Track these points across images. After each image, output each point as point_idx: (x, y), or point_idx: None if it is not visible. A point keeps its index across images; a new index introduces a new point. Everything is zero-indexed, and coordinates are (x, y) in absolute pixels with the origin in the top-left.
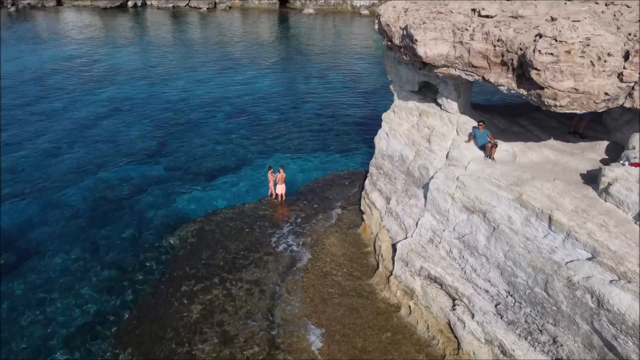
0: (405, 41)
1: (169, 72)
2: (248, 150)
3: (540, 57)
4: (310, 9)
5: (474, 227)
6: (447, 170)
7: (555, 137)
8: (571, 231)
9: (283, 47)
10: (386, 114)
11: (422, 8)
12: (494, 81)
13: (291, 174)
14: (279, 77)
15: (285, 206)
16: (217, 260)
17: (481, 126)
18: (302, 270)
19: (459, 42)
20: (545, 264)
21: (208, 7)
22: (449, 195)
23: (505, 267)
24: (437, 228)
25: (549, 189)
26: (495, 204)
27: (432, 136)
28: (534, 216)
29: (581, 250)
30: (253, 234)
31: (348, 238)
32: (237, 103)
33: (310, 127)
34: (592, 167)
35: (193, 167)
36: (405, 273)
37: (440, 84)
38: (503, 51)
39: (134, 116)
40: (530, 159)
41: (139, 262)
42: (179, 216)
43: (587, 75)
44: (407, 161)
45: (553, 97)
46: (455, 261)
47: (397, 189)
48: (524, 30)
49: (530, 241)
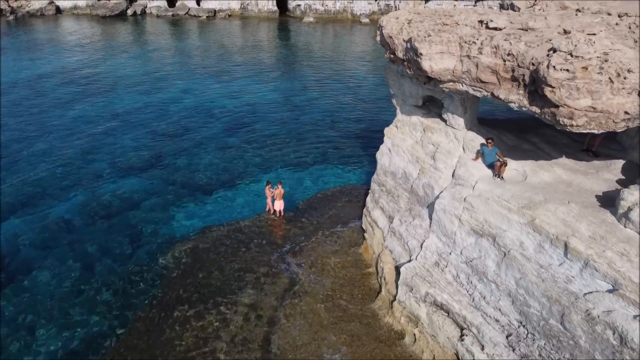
0: (409, 54)
1: (167, 82)
2: (246, 163)
3: (555, 74)
4: (310, 17)
5: (482, 252)
6: (454, 190)
7: (567, 155)
8: (589, 260)
9: (283, 56)
10: (388, 128)
11: (426, 20)
12: (504, 98)
13: (290, 188)
14: (278, 86)
15: (284, 223)
16: (212, 282)
17: (490, 143)
18: (301, 292)
19: (467, 56)
20: (561, 294)
21: (208, 15)
22: (455, 217)
23: (517, 296)
24: (443, 251)
25: (564, 212)
26: (506, 228)
27: (437, 153)
28: (548, 242)
29: (601, 281)
30: (250, 253)
31: (349, 258)
32: (236, 113)
33: (310, 138)
34: (608, 188)
35: (189, 180)
36: (410, 299)
37: (446, 98)
38: (514, 66)
39: (130, 127)
40: (541, 179)
41: (130, 283)
42: (173, 233)
43: (605, 92)
44: (410, 179)
45: (569, 116)
46: (463, 287)
47: (401, 207)
48: (536, 44)
49: (544, 269)
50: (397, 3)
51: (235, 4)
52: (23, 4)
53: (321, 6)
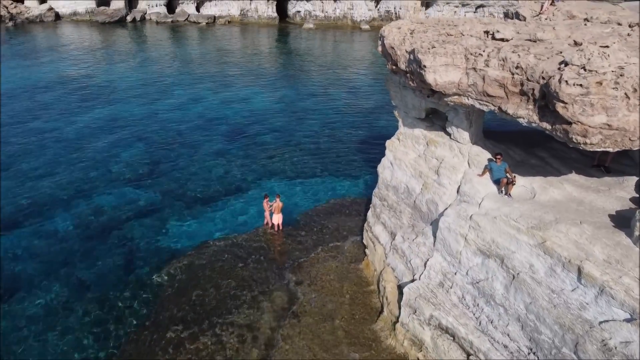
0: (412, 66)
1: (166, 90)
2: (244, 174)
3: (568, 89)
4: (310, 24)
5: (490, 273)
6: (459, 208)
7: (577, 171)
8: (605, 286)
9: (282, 63)
10: (390, 141)
11: (429, 30)
12: (512, 113)
13: (289, 200)
14: (277, 94)
15: (282, 237)
16: (207, 301)
17: (499, 159)
18: (299, 312)
19: (472, 68)
20: (575, 322)
21: (207, 21)
22: (461, 236)
23: (526, 321)
24: (448, 271)
25: (576, 234)
26: (515, 249)
27: (441, 168)
28: (560, 266)
29: (618, 310)
30: (247, 269)
31: (349, 274)
32: (235, 122)
33: (310, 148)
34: (622, 207)
35: (186, 192)
36: (414, 321)
37: (450, 111)
38: (522, 80)
39: (127, 136)
40: (551, 197)
41: (124, 301)
42: (169, 248)
43: (621, 109)
44: (413, 194)
45: (583, 133)
46: (469, 309)
47: (403, 223)
48: (546, 57)
49: (556, 294)
50: (398, 9)
51: (235, 10)
52: (22, 10)
53: (321, 12)
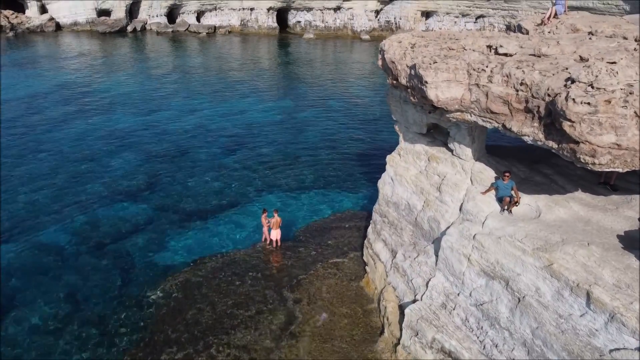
0: (413, 82)
1: (165, 100)
2: (242, 187)
3: (575, 107)
4: (310, 34)
5: (494, 296)
6: (462, 227)
7: (583, 189)
8: (615, 313)
9: (282, 74)
10: (391, 156)
11: (430, 44)
12: (517, 130)
13: (288, 214)
14: (277, 105)
15: (281, 254)
16: (203, 320)
17: (507, 177)
18: (298, 332)
19: (475, 84)
20: (584, 349)
21: (208, 31)
22: (464, 256)
23: (533, 347)
24: (451, 292)
25: (584, 256)
26: (520, 271)
27: (442, 185)
28: (568, 290)
29: (629, 338)
30: (244, 287)
31: (349, 292)
32: (233, 134)
33: (309, 161)
34: (631, 227)
35: (183, 206)
36: (415, 344)
37: (452, 127)
38: (527, 97)
39: (126, 148)
40: (557, 216)
41: (118, 321)
42: (165, 265)
43: (630, 128)
44: (414, 211)
45: (591, 153)
46: (473, 332)
47: (404, 241)
48: (552, 73)
49: (564, 319)
50: (398, 20)
51: (235, 20)
52: (23, 20)
53: (321, 22)
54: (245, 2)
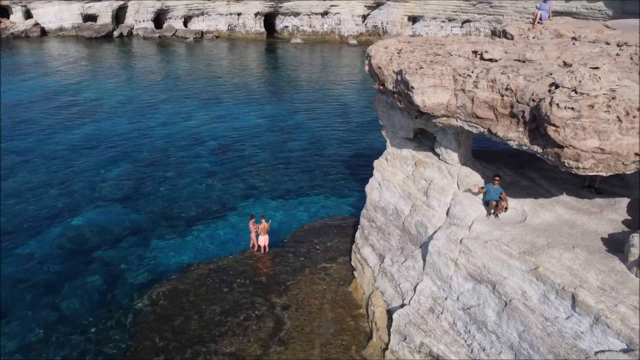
0: (399, 87)
1: (152, 106)
2: (231, 193)
3: (559, 112)
4: (297, 39)
5: (481, 299)
6: (449, 231)
7: (567, 192)
8: (601, 315)
9: (270, 79)
10: (378, 161)
11: (417, 49)
12: (502, 135)
13: (276, 220)
14: (265, 110)
15: (269, 259)
16: (191, 328)
17: (496, 181)
18: (286, 338)
19: (461, 89)
20: (570, 351)
21: (195, 36)
22: (451, 261)
23: (520, 350)
24: (439, 296)
25: (570, 259)
26: (507, 275)
27: (429, 189)
28: (554, 293)
29: (614, 340)
30: (232, 294)
31: (338, 298)
32: (222, 139)
33: (297, 166)
34: (615, 230)
35: (171, 213)
36: (404, 349)
37: (439, 132)
38: (512, 102)
39: (112, 154)
40: (542, 220)
41: (105, 330)
42: (152, 272)
43: (613, 132)
44: (402, 216)
45: (575, 158)
46: (460, 336)
47: (392, 246)
48: (536, 78)
49: (550, 322)
50: (385, 25)
51: (222, 25)
52: (7, 25)
53: (309, 27)
54: (233, 7)
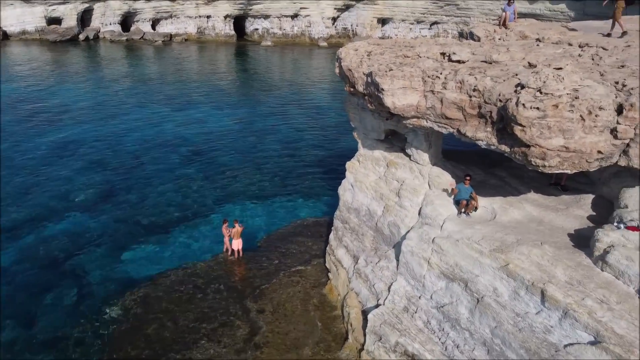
0: (370, 89)
1: (120, 111)
2: (203, 197)
3: (525, 112)
4: (268, 41)
5: (454, 297)
6: (421, 231)
7: (535, 190)
8: (569, 309)
9: (241, 82)
10: (350, 163)
11: (386, 52)
12: (471, 135)
13: (249, 224)
14: (237, 113)
15: (243, 264)
16: (164, 336)
17: (467, 181)
18: (262, 343)
19: (430, 91)
20: (540, 346)
21: (164, 39)
22: (424, 260)
23: (492, 346)
24: (412, 295)
25: (538, 255)
26: (478, 272)
27: (401, 190)
28: (524, 289)
29: (582, 332)
30: (206, 300)
31: (313, 300)
32: (193, 143)
33: (270, 169)
34: (580, 225)
35: (142, 218)
36: (379, 349)
37: (410, 133)
38: (480, 102)
39: (79, 160)
40: (512, 217)
41: (76, 340)
42: (124, 280)
43: (577, 131)
44: (375, 216)
45: (541, 156)
46: (435, 334)
47: (366, 247)
48: (502, 79)
49: (521, 318)
50: (355, 27)
51: (191, 28)
52: None
53: (279, 30)
54: (202, 9)
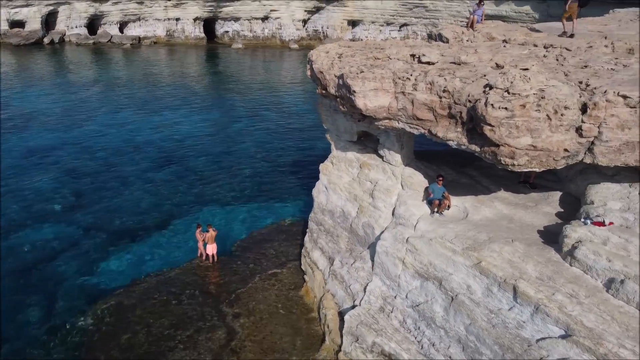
0: (341, 91)
1: (88, 116)
2: (175, 202)
3: (494, 112)
4: (239, 44)
5: (429, 296)
6: (395, 231)
7: (505, 188)
8: (540, 304)
9: (212, 85)
10: (324, 165)
11: (357, 54)
12: (442, 136)
13: (223, 228)
14: (208, 117)
15: (217, 269)
16: (139, 344)
17: (440, 181)
18: (239, 348)
19: (401, 92)
20: (513, 341)
21: (132, 42)
22: (399, 260)
23: (467, 343)
24: (388, 295)
25: (509, 252)
26: (452, 271)
27: (375, 191)
28: (496, 286)
29: (553, 327)
30: (181, 306)
31: (289, 303)
32: (164, 148)
33: (243, 172)
34: (549, 222)
35: (113, 225)
36: (356, 350)
37: (382, 134)
38: (450, 103)
39: (47, 167)
40: (483, 216)
41: (47, 351)
42: (95, 288)
43: (544, 130)
44: (349, 218)
45: (510, 155)
46: (411, 333)
47: (341, 248)
48: (471, 80)
49: (495, 314)
50: (325, 29)
51: (160, 30)
52: None
53: (249, 32)
54: (171, 12)
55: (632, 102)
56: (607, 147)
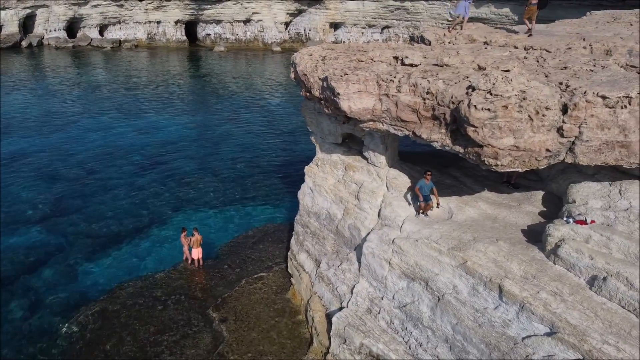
0: (326, 93)
1: (69, 120)
2: (160, 206)
3: (477, 113)
4: (221, 47)
5: (415, 296)
6: (381, 232)
7: (489, 188)
8: (525, 303)
9: (195, 88)
10: (309, 167)
11: (340, 56)
12: (426, 137)
13: (208, 232)
14: (191, 120)
15: (203, 273)
16: (124, 351)
17: (428, 177)
18: (225, 352)
19: (385, 94)
20: (500, 339)
21: (112, 46)
22: (385, 261)
23: (454, 342)
24: (375, 296)
25: (494, 252)
26: (438, 271)
27: (360, 193)
28: (482, 285)
29: (538, 325)
30: (167, 311)
31: (276, 306)
32: (147, 152)
33: (228, 175)
34: (532, 221)
35: (96, 231)
36: (344, 351)
37: (366, 136)
38: (434, 104)
39: (26, 173)
40: (468, 216)
41: None
42: (79, 295)
43: (526, 131)
44: (335, 220)
45: (494, 156)
46: (398, 334)
47: (327, 250)
48: (454, 82)
49: (481, 313)
50: (307, 32)
51: (141, 33)
52: None
53: (231, 35)
54: (152, 15)
55: (611, 103)
56: (588, 147)
